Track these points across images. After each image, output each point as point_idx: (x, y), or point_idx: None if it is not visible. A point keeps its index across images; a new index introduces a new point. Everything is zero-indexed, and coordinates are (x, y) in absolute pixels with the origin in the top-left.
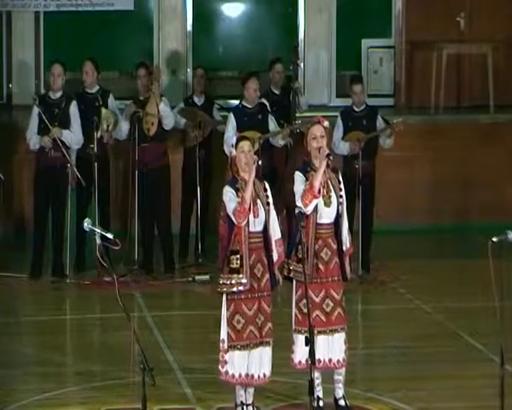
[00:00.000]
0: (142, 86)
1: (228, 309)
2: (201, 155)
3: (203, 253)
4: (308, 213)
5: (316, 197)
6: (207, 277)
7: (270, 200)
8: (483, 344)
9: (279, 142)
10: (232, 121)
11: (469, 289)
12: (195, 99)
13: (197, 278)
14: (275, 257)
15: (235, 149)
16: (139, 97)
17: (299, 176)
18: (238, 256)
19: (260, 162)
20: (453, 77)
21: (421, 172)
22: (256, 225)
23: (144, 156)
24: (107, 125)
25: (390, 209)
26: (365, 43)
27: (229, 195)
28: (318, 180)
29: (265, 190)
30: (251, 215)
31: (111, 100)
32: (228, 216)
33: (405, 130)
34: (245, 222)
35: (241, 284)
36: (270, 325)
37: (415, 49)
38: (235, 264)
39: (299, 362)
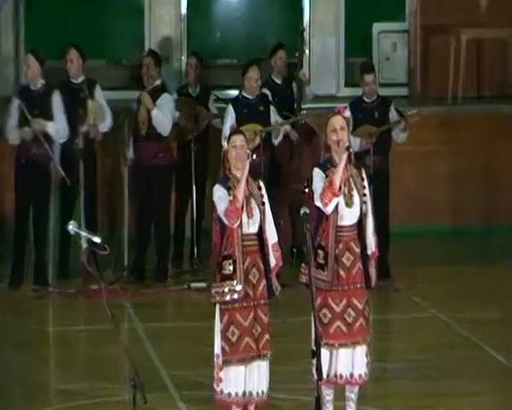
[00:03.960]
0: (147, 76)
1: (221, 320)
2: (197, 151)
3: (199, 258)
4: (328, 213)
5: (336, 195)
6: (204, 284)
7: (266, 200)
8: (506, 357)
9: (274, 140)
10: (231, 113)
11: (493, 297)
12: (190, 89)
13: (192, 285)
14: (272, 263)
15: (227, 143)
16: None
17: (318, 173)
18: (231, 261)
19: (255, 156)
20: (473, 64)
21: (439, 169)
22: (250, 227)
23: (139, 154)
24: (94, 119)
25: (405, 209)
26: (377, 27)
27: (218, 194)
28: (338, 176)
29: (260, 188)
30: (244, 215)
31: (98, 91)
32: (219, 218)
33: (421, 122)
34: (237, 223)
35: (234, 291)
36: (267, 336)
37: (431, 33)
38: (227, 270)
39: (327, 376)
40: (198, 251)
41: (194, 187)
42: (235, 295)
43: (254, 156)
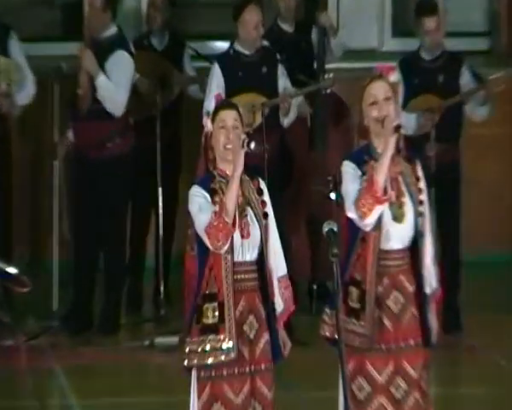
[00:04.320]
0: (91, 21)
1: (200, 396)
2: (164, 135)
3: (167, 298)
4: (367, 229)
5: (379, 202)
6: (174, 339)
7: (270, 210)
8: None
9: (282, 120)
10: (217, 77)
11: None
12: (154, 40)
13: (157, 341)
14: (278, 306)
15: (212, 122)
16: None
17: (350, 168)
18: (216, 305)
19: (253, 145)
20: None
21: None
22: (246, 252)
23: (77, 141)
24: (8, 84)
25: (484, 226)
26: None
27: (197, 201)
28: (383, 173)
29: (260, 192)
30: (237, 235)
31: (12, 42)
32: (198, 238)
33: (509, 91)
34: (226, 246)
35: (221, 351)
36: None
37: None
38: (210, 318)
39: None
40: (165, 288)
41: (159, 190)
42: (223, 357)
43: (253, 145)
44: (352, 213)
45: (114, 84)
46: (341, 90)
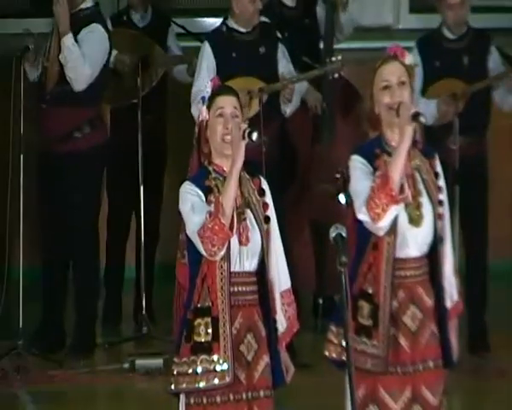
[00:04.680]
0: None
1: None
2: (147, 124)
3: (150, 314)
4: (380, 233)
5: (395, 201)
6: (159, 361)
7: (272, 212)
8: None
9: (284, 108)
10: (208, 57)
11: None
12: (134, 16)
13: (138, 362)
14: (280, 325)
15: (208, 109)
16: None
17: (359, 163)
18: (209, 320)
19: (255, 136)
20: None
21: None
22: (244, 261)
23: (42, 129)
24: None
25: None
26: None
27: (189, 200)
28: (399, 168)
29: (262, 192)
30: (234, 240)
31: None
32: (190, 243)
33: None
34: (222, 253)
35: (214, 373)
36: None
37: None
38: (203, 335)
39: None
40: (148, 302)
41: (141, 189)
42: (216, 381)
43: (255, 135)
44: (362, 215)
45: (82, 55)
46: (351, 74)
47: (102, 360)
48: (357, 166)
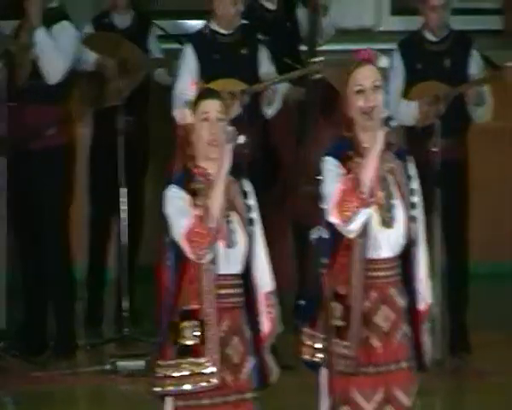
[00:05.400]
0: None
1: None
2: (129, 126)
3: (131, 316)
4: (351, 235)
5: (365, 204)
6: (140, 362)
7: (256, 215)
8: None
9: (265, 110)
10: (190, 60)
11: None
12: (116, 18)
13: (120, 364)
14: (265, 326)
15: (193, 112)
16: None
17: (331, 165)
18: (196, 323)
19: (243, 138)
20: None
21: None
22: (229, 264)
23: (14, 126)
24: None
25: (496, 233)
26: None
27: (174, 203)
28: (371, 171)
29: (246, 195)
30: (220, 243)
31: None
32: (175, 246)
33: None
34: (209, 256)
35: (201, 376)
36: None
37: None
38: (189, 338)
39: None
40: (130, 304)
41: (123, 190)
42: (204, 383)
43: (243, 138)
44: (333, 218)
45: (54, 49)
46: (333, 75)
47: (84, 361)
48: (329, 167)
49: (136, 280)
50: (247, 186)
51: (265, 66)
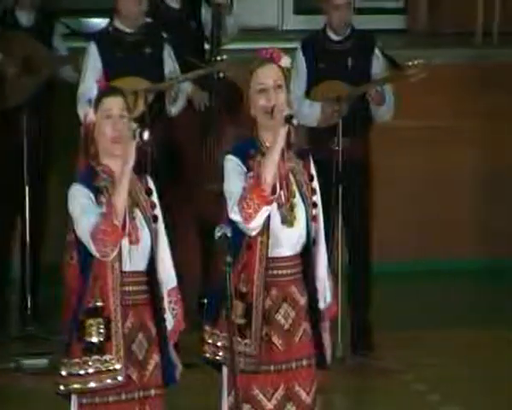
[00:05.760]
0: None
1: None
2: (31, 125)
3: (36, 313)
4: (252, 233)
5: (266, 202)
6: (44, 361)
7: (158, 211)
8: None
9: (169, 108)
10: (94, 58)
11: None
12: (20, 16)
13: (25, 363)
14: (168, 324)
15: (95, 110)
16: None
17: (233, 163)
18: (101, 320)
19: (146, 136)
20: None
21: (459, 161)
22: (134, 260)
23: None
24: None
25: (397, 232)
26: None
27: (80, 202)
28: (271, 169)
29: (149, 192)
30: (124, 239)
31: None
32: (80, 245)
33: (429, 78)
34: (115, 253)
35: (107, 373)
36: None
37: None
38: (94, 335)
39: None
40: (33, 302)
41: (26, 189)
42: (109, 381)
43: (147, 134)
44: (234, 215)
45: None
46: (236, 75)
47: None
48: (232, 166)
49: (40, 278)
50: (150, 183)
51: (169, 64)
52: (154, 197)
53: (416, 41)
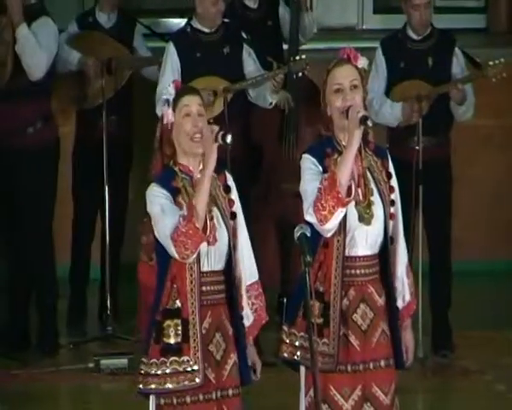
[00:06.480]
0: None
1: None
2: (112, 125)
3: (114, 315)
4: (327, 235)
5: (342, 204)
6: (124, 360)
7: (239, 208)
8: None
9: (268, 98)
10: (172, 58)
11: None
12: (100, 17)
13: (104, 362)
14: (246, 320)
15: (174, 109)
16: None
17: (310, 162)
18: (179, 321)
19: (229, 140)
20: None
21: None
22: (212, 260)
23: None
24: None
25: (477, 232)
26: None
27: (159, 202)
28: (347, 169)
29: (227, 189)
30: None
31: None
32: (159, 246)
33: (509, 77)
34: (195, 256)
35: (185, 375)
36: None
37: None
38: (172, 336)
39: None
40: (113, 302)
41: (106, 188)
42: (186, 382)
43: (229, 138)
44: (310, 217)
45: (37, 45)
46: (316, 74)
47: (67, 359)
48: (308, 166)
49: (119, 278)
50: (229, 180)
51: (250, 64)
52: (233, 194)
53: (497, 40)
